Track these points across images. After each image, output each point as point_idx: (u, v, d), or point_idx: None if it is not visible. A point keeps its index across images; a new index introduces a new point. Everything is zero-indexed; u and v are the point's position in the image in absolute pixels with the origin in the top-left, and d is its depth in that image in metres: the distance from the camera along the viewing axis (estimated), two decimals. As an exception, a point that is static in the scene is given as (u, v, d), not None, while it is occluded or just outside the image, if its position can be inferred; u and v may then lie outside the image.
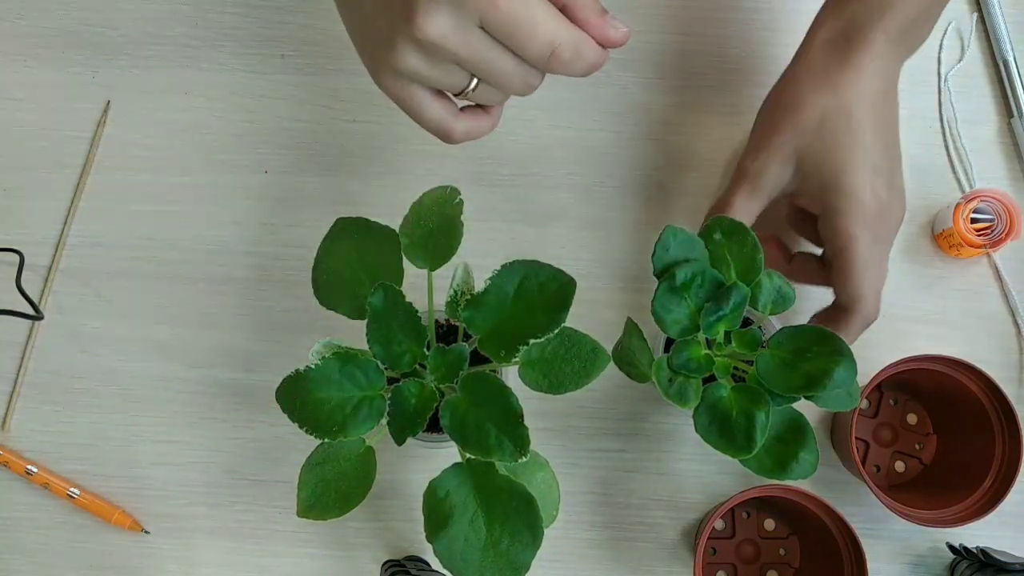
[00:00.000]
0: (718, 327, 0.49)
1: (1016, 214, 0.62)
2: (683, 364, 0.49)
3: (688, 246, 0.50)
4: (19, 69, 0.69)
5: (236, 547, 0.64)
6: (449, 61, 0.43)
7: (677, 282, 0.49)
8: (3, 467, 0.65)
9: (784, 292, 0.51)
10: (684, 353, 0.50)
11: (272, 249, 0.67)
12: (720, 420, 0.48)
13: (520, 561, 0.49)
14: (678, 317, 0.50)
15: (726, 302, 0.49)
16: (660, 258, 0.50)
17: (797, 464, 0.49)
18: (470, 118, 0.48)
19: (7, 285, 0.65)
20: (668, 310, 0.49)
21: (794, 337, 0.49)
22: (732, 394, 0.49)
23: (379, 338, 0.50)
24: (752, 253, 0.51)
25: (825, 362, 0.47)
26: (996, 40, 0.68)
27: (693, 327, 0.49)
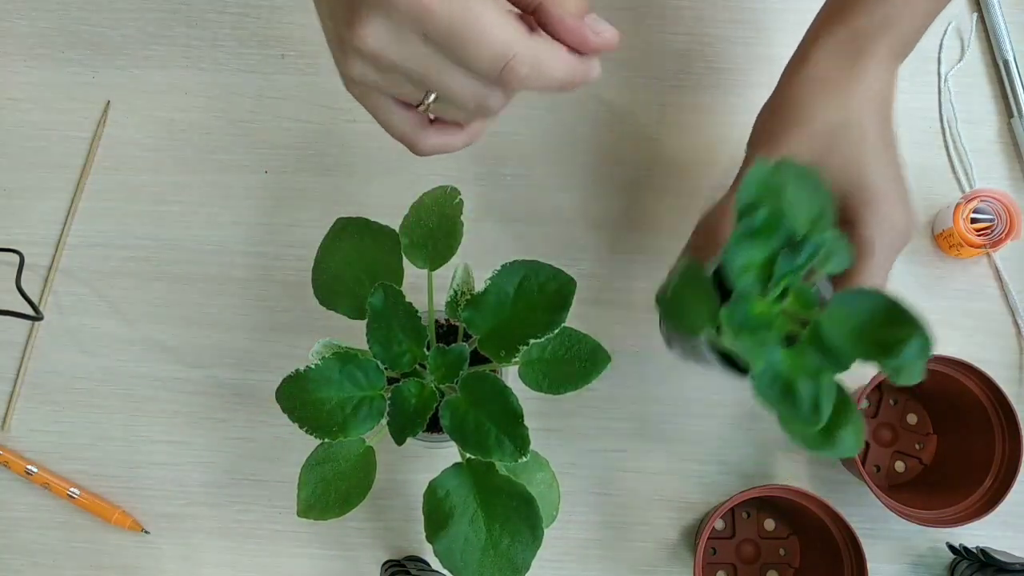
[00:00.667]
0: (785, 280, 0.44)
1: (1016, 214, 0.62)
2: (744, 321, 0.43)
3: (767, 186, 0.44)
4: (19, 69, 0.69)
5: (236, 547, 0.64)
6: (396, 72, 0.40)
7: (756, 223, 0.43)
8: (3, 467, 0.65)
9: (843, 250, 0.46)
10: (744, 307, 0.43)
11: (272, 249, 0.67)
12: (782, 385, 0.42)
13: (520, 561, 0.49)
14: (749, 264, 0.43)
15: (799, 253, 0.43)
16: (747, 192, 0.44)
17: (847, 437, 0.44)
18: (439, 133, 0.45)
19: (7, 285, 0.65)
20: (742, 254, 0.43)
21: (863, 299, 0.43)
22: (791, 356, 0.43)
23: (379, 338, 0.50)
24: (823, 204, 0.45)
25: (900, 329, 0.41)
26: (996, 40, 0.68)
27: (763, 278, 0.43)
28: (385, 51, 0.39)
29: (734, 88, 0.68)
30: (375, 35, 0.39)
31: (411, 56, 0.39)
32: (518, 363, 0.52)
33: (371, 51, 0.39)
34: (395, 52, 0.39)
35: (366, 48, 0.39)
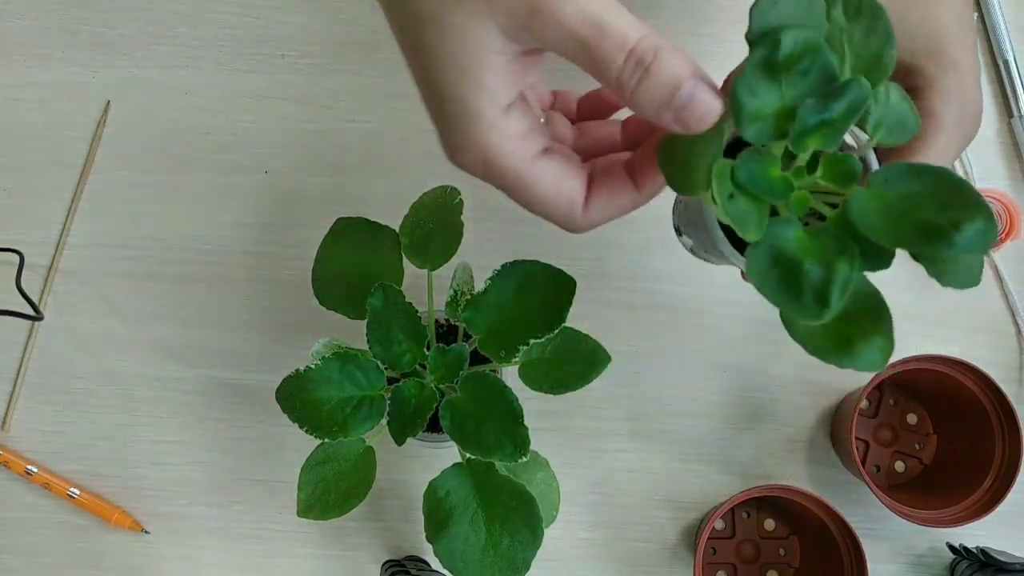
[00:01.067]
0: (812, 139, 0.34)
1: (1016, 214, 0.62)
2: (750, 180, 0.34)
3: (804, 8, 0.34)
4: (19, 69, 0.69)
5: (236, 547, 0.64)
6: None
7: (780, 53, 0.33)
8: (3, 467, 0.65)
9: (906, 114, 0.36)
10: (754, 166, 0.35)
11: (272, 249, 0.67)
12: (785, 267, 0.34)
13: (520, 561, 0.49)
14: (764, 107, 0.34)
15: (836, 102, 0.33)
16: (764, 13, 0.34)
17: (867, 347, 0.35)
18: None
19: (7, 285, 0.65)
20: (754, 93, 0.34)
21: (912, 176, 0.33)
22: (805, 236, 0.35)
23: (379, 338, 0.50)
24: (882, 46, 0.35)
25: (955, 213, 0.32)
26: (996, 40, 0.68)
27: (778, 130, 0.34)
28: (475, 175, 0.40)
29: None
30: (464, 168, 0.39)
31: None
32: (518, 363, 0.52)
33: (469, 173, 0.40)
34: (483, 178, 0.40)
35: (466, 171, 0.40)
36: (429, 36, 0.36)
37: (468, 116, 0.37)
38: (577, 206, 0.39)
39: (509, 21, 0.35)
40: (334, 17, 0.69)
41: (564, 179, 0.39)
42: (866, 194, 0.34)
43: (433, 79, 0.37)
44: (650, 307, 0.65)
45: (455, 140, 0.38)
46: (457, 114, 0.37)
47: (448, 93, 0.37)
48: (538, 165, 0.38)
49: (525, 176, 0.38)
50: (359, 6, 0.69)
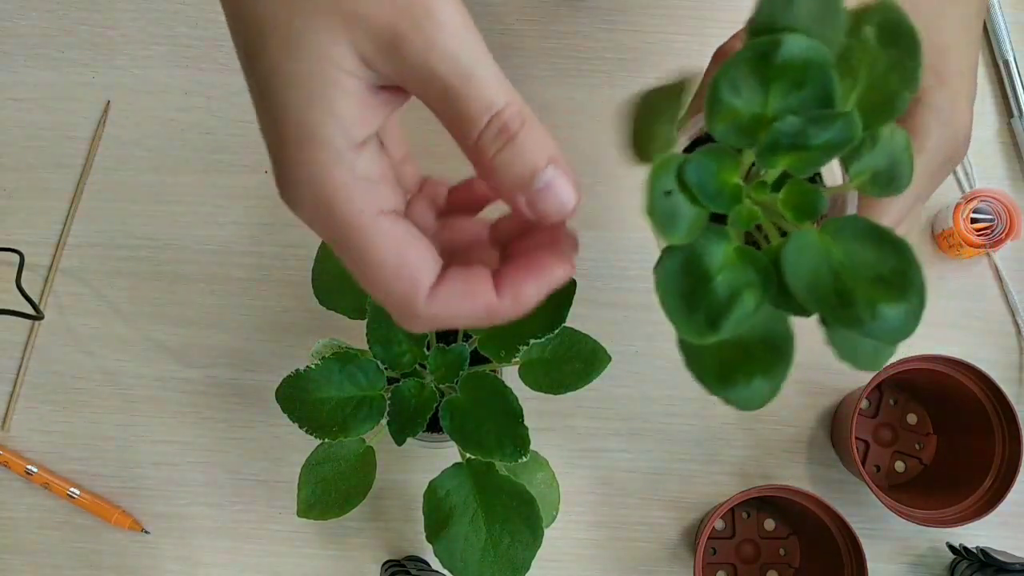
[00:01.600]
0: (784, 159, 0.31)
1: (1016, 214, 0.62)
2: (700, 180, 0.31)
3: (827, 16, 0.30)
4: (19, 69, 0.69)
5: (236, 547, 0.64)
6: None
7: (777, 57, 0.30)
8: (3, 467, 0.65)
9: (900, 166, 0.32)
10: (711, 164, 0.32)
11: (272, 249, 0.67)
12: (693, 276, 0.31)
13: (520, 561, 0.49)
14: (743, 107, 0.30)
15: (819, 130, 0.30)
16: (774, 7, 0.30)
17: (743, 386, 0.32)
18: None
19: (7, 285, 0.65)
20: (737, 90, 0.30)
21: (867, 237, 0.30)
22: (733, 255, 0.32)
23: (379, 338, 0.50)
24: (904, 84, 0.31)
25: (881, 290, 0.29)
26: (996, 40, 0.68)
27: (750, 136, 0.31)
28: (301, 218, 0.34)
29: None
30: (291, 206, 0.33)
31: None
32: (518, 363, 0.52)
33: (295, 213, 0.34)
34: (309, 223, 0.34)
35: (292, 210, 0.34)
36: (273, 46, 0.30)
37: (310, 143, 0.31)
38: (422, 288, 0.32)
39: (369, 43, 0.30)
40: (334, 17, 0.69)
41: (411, 250, 0.32)
42: (811, 239, 0.30)
43: (273, 95, 0.31)
44: (650, 307, 0.65)
45: (288, 170, 0.32)
46: (296, 139, 0.31)
47: (290, 114, 0.31)
48: (382, 223, 0.31)
49: (364, 231, 0.31)
50: (359, 6, 0.69)
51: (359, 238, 0.31)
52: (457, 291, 0.32)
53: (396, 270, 0.31)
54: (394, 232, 0.31)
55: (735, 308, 0.31)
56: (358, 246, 0.31)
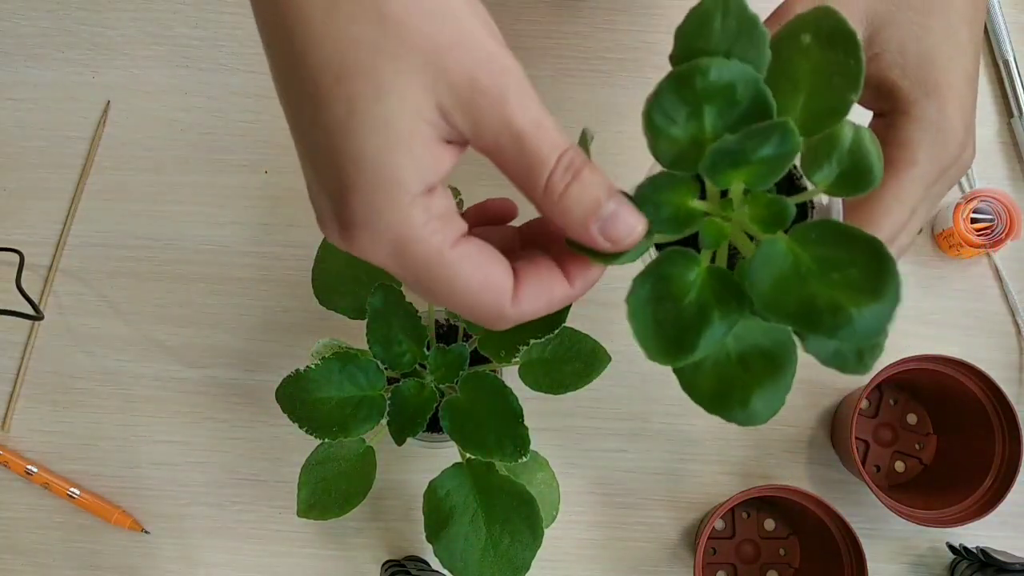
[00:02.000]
0: (732, 176, 0.31)
1: (1016, 214, 0.62)
2: (652, 207, 0.32)
3: (744, 35, 0.30)
4: (19, 69, 0.69)
5: (236, 547, 0.64)
6: None
7: (699, 83, 0.30)
8: (3, 467, 0.65)
9: (864, 162, 0.31)
10: (662, 193, 0.32)
11: (272, 249, 0.67)
12: (663, 301, 0.31)
13: (520, 561, 0.49)
14: (678, 135, 0.31)
15: (758, 144, 0.30)
16: (691, 35, 0.31)
17: (741, 406, 0.31)
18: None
19: (7, 285, 0.65)
20: (669, 119, 0.31)
21: (829, 236, 0.30)
22: (704, 275, 0.32)
23: (379, 338, 0.50)
24: (847, 85, 0.30)
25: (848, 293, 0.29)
26: (996, 40, 0.68)
27: (692, 157, 0.31)
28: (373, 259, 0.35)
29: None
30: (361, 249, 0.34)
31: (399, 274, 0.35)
32: (518, 363, 0.52)
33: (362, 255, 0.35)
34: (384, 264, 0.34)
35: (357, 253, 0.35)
36: (355, 91, 0.31)
37: (389, 187, 0.31)
38: (506, 295, 0.34)
39: (449, 96, 0.31)
40: (334, 17, 0.69)
41: (490, 265, 0.34)
42: (778, 248, 0.30)
43: (349, 138, 0.31)
44: None
45: (360, 212, 0.32)
46: (372, 183, 0.31)
47: (366, 158, 0.31)
48: (460, 250, 0.33)
49: (447, 266, 0.32)
50: (359, 6, 0.69)
51: (444, 273, 0.33)
52: (536, 290, 0.34)
53: (482, 287, 0.33)
54: (471, 254, 0.33)
55: (704, 329, 0.30)
56: (445, 279, 0.33)
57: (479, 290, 0.33)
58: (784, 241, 0.30)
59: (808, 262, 0.29)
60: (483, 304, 0.33)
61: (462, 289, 0.33)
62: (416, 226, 0.32)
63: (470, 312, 0.34)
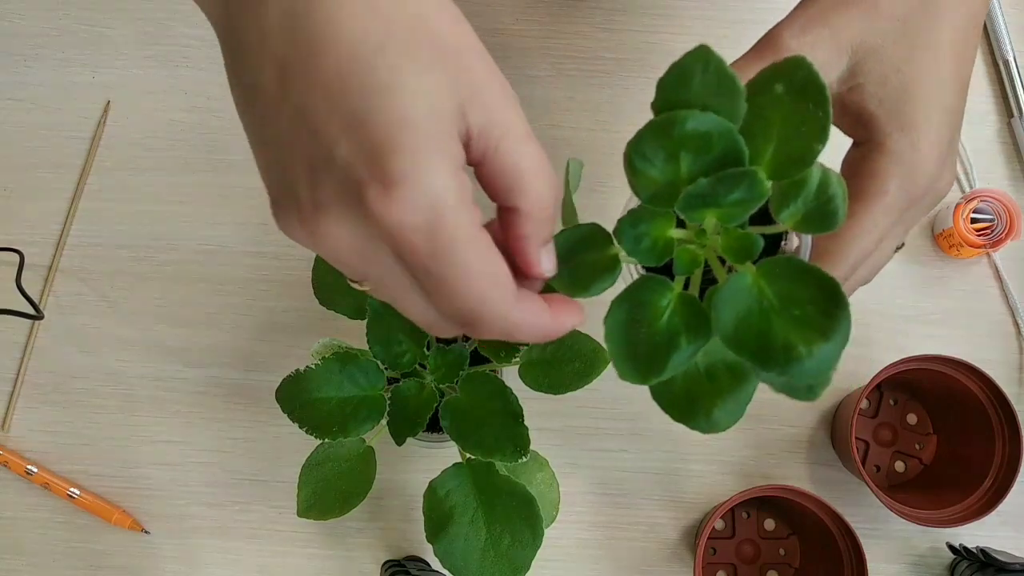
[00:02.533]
0: (705, 214, 0.33)
1: (1016, 214, 0.62)
2: (633, 239, 0.35)
3: (722, 90, 0.33)
4: (19, 69, 0.69)
5: (236, 547, 0.64)
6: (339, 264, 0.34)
7: (676, 132, 0.32)
8: (3, 467, 0.65)
9: (830, 206, 0.33)
10: (642, 225, 0.34)
11: (272, 249, 0.67)
12: (638, 325, 0.34)
13: (520, 561, 0.49)
14: (656, 176, 0.33)
15: (728, 190, 0.32)
16: (670, 88, 0.33)
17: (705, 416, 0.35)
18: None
19: (7, 285, 0.65)
20: (647, 161, 0.33)
21: (793, 273, 0.32)
22: (677, 301, 0.34)
23: (379, 338, 0.50)
24: (814, 134, 0.32)
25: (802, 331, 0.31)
26: (996, 40, 0.68)
27: (668, 197, 0.34)
28: (340, 252, 0.33)
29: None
30: (335, 235, 0.32)
31: (371, 266, 0.33)
32: (518, 363, 0.52)
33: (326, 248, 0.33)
34: (352, 255, 0.33)
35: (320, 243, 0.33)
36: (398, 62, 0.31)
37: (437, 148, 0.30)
38: (513, 294, 0.34)
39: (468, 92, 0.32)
40: (334, 17, 0.69)
41: (502, 263, 0.34)
42: (745, 282, 0.32)
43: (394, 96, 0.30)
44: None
45: (401, 170, 0.30)
46: (421, 143, 0.30)
47: (417, 117, 0.30)
48: (484, 236, 0.33)
49: (472, 243, 0.32)
50: (359, 6, 0.69)
51: (468, 252, 0.32)
52: (533, 307, 0.35)
53: (496, 278, 0.33)
54: (491, 245, 0.33)
55: (672, 353, 0.33)
56: (465, 261, 0.32)
57: (492, 281, 0.33)
58: (751, 274, 0.32)
59: (771, 296, 0.32)
60: (493, 297, 0.33)
61: (477, 274, 0.32)
62: (456, 195, 0.31)
63: (477, 302, 0.33)
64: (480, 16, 0.69)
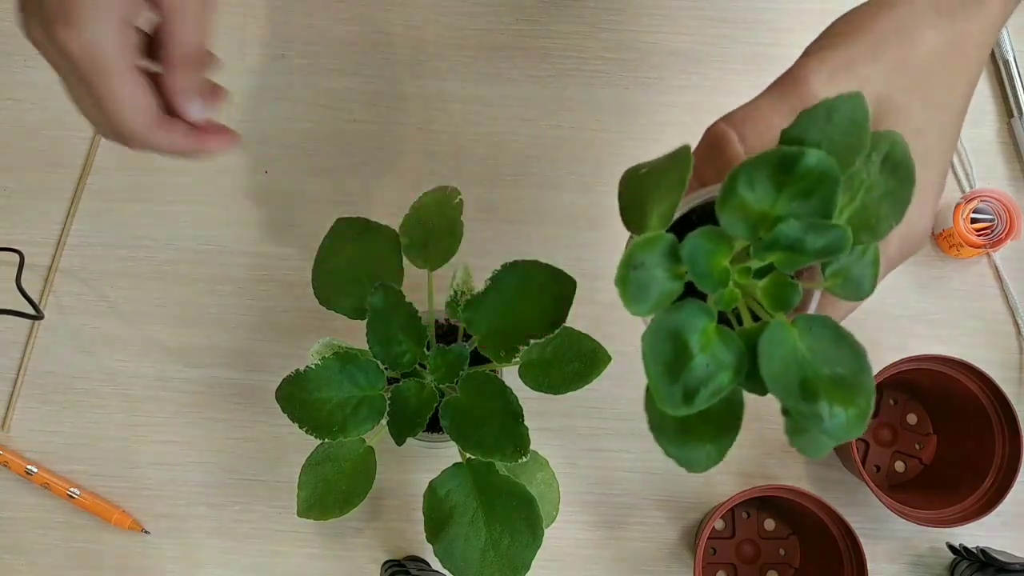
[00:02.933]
0: (775, 255, 0.34)
1: (1016, 214, 0.62)
2: (695, 259, 0.34)
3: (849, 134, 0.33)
4: (19, 69, 0.69)
5: (236, 547, 0.64)
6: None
7: (798, 167, 0.32)
8: (3, 467, 0.65)
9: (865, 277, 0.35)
10: (707, 246, 0.34)
11: (272, 249, 0.67)
12: (676, 350, 0.34)
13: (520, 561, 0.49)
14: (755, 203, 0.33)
15: (815, 237, 0.33)
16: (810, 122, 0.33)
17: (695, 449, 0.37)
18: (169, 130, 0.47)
19: (7, 285, 0.65)
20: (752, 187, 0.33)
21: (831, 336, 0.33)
22: (714, 333, 0.34)
23: (379, 338, 0.50)
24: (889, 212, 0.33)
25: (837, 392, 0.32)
26: (996, 40, 0.68)
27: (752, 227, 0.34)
28: (39, 45, 0.43)
29: (736, 89, 0.68)
30: (31, 31, 0.42)
31: (63, 72, 0.44)
32: (518, 363, 0.52)
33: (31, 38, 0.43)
34: (45, 49, 0.43)
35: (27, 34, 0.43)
36: None
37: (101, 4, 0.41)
38: (153, 123, 0.44)
39: None
40: (334, 17, 0.70)
41: (148, 97, 0.44)
42: (785, 333, 0.33)
43: None
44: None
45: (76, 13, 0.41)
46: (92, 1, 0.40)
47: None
48: (135, 74, 0.43)
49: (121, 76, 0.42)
50: (359, 6, 0.69)
51: (114, 80, 0.42)
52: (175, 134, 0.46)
53: (135, 108, 0.43)
54: (139, 83, 0.43)
55: (710, 387, 0.34)
56: (111, 84, 0.42)
57: (134, 109, 0.43)
58: (788, 327, 0.34)
59: (804, 351, 0.33)
60: (136, 120, 0.44)
61: (121, 99, 0.43)
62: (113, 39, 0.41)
63: (122, 122, 0.44)
64: (480, 16, 0.69)
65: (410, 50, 0.69)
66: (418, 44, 0.69)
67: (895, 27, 0.40)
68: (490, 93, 0.68)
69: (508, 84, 0.68)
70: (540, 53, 0.68)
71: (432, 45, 0.69)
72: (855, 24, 0.42)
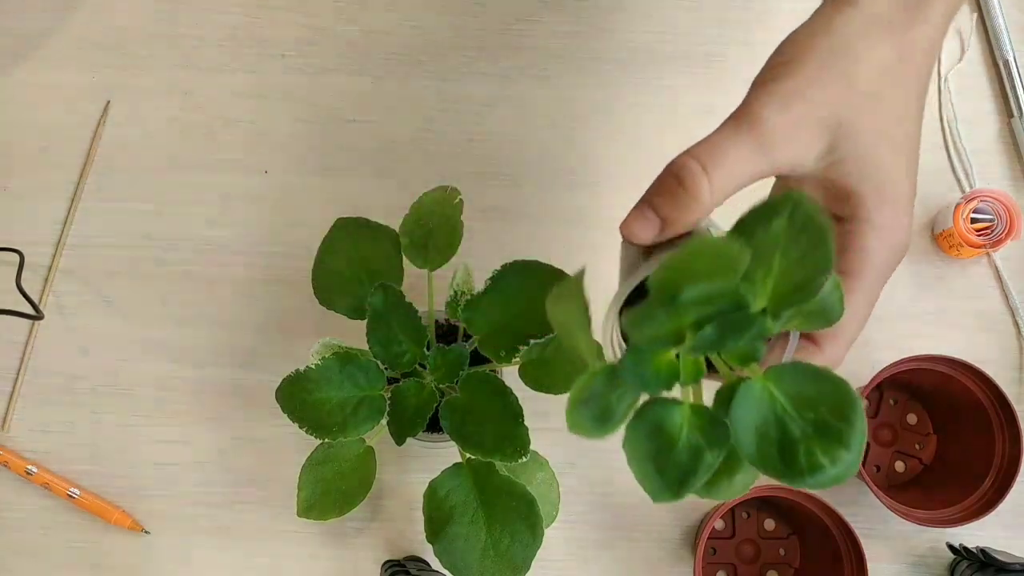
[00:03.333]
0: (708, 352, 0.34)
1: (1016, 214, 0.62)
2: (641, 378, 0.34)
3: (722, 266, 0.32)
4: (19, 69, 0.69)
5: (236, 547, 0.64)
6: None
7: (681, 299, 0.31)
8: (3, 467, 0.65)
9: (829, 304, 0.35)
10: (645, 362, 0.34)
11: (272, 249, 0.67)
12: (659, 442, 0.34)
13: (520, 561, 0.49)
14: (658, 334, 0.33)
15: (737, 335, 0.32)
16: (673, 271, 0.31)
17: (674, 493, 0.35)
18: None
19: (7, 285, 0.65)
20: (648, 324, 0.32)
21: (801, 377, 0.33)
22: (689, 413, 0.34)
23: (379, 338, 0.50)
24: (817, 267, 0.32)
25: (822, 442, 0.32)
26: (996, 40, 0.68)
27: (672, 342, 0.33)
28: None
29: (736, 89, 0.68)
30: None
31: None
32: (518, 363, 0.52)
33: None
34: None
35: None
36: None
37: None
38: None
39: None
40: (334, 17, 0.70)
41: None
42: (756, 391, 0.33)
43: None
44: None
45: None
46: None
47: None
48: None
49: None
50: (359, 6, 0.69)
51: None
52: None
53: None
54: None
55: (700, 469, 0.33)
56: None
57: None
58: (759, 382, 0.33)
59: (783, 401, 0.33)
60: None
61: None
62: None
63: None
64: (482, 16, 0.69)
65: (410, 50, 0.69)
66: (418, 44, 0.69)
67: (840, 45, 0.40)
68: (490, 93, 0.68)
69: (508, 84, 0.68)
70: (540, 53, 0.68)
71: (432, 45, 0.69)
72: (801, 46, 0.42)
